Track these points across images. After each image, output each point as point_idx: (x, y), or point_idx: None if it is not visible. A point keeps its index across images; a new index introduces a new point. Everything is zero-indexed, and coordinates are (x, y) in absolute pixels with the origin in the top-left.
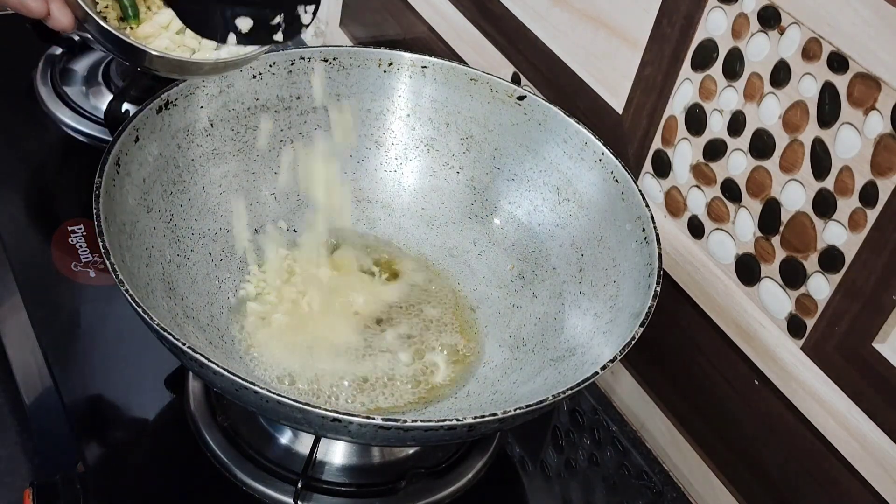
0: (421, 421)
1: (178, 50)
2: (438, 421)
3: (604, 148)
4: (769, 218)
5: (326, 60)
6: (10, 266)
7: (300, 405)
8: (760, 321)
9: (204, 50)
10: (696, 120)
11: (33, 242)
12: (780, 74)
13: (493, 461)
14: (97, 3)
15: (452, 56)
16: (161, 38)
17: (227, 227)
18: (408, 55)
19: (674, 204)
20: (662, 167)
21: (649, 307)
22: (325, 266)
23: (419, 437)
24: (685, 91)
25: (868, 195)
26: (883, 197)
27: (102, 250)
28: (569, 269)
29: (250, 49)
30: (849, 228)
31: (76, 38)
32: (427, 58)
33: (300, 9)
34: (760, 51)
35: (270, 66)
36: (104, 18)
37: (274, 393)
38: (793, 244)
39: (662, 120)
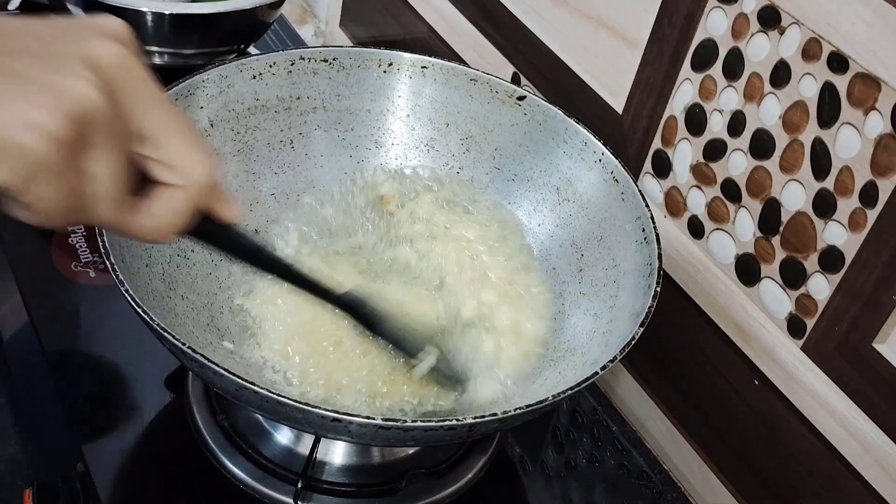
0: (421, 421)
1: None
2: (438, 421)
3: (604, 148)
4: (769, 218)
5: (326, 60)
6: (10, 266)
7: (300, 405)
8: (760, 321)
9: None
10: (696, 120)
11: (33, 242)
12: (780, 74)
13: (493, 461)
14: None
15: (452, 56)
16: None
17: None
18: (408, 55)
19: (674, 204)
20: (662, 167)
21: (649, 307)
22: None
23: (419, 437)
24: (685, 91)
25: (868, 195)
26: (883, 197)
27: (102, 250)
28: (569, 269)
29: None
30: (849, 228)
31: None
32: (427, 58)
33: None
34: (760, 51)
35: (270, 66)
36: None
37: (274, 393)
38: (793, 244)
39: (662, 120)
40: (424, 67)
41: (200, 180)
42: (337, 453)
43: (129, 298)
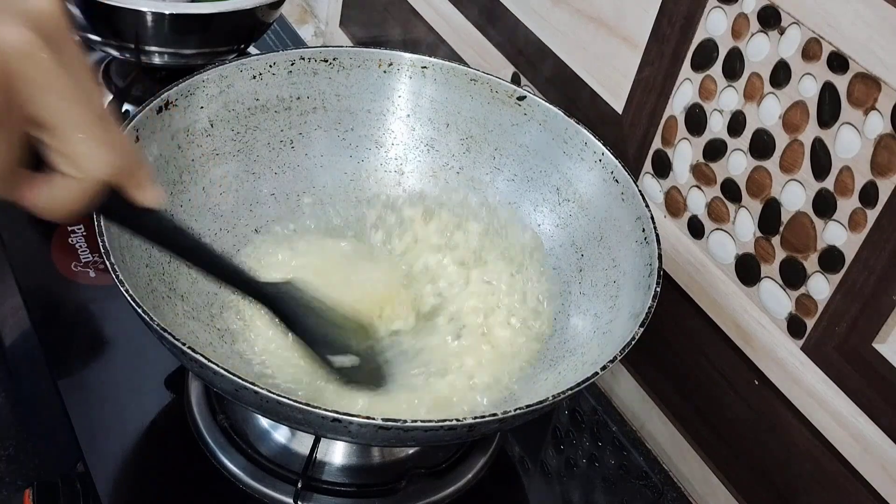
0: (421, 421)
1: None
2: (438, 421)
3: (604, 148)
4: (769, 218)
5: (326, 60)
6: (10, 266)
7: (300, 405)
8: (760, 321)
9: None
10: (696, 120)
11: (33, 242)
12: (780, 74)
13: (493, 461)
14: None
15: (452, 56)
16: None
17: (227, 228)
18: (408, 55)
19: (674, 204)
20: (662, 167)
21: (649, 307)
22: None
23: (419, 438)
24: (685, 91)
25: (868, 195)
26: (883, 197)
27: (102, 250)
28: (569, 269)
29: None
30: (849, 228)
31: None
32: (427, 58)
33: None
34: (760, 51)
35: (270, 66)
36: None
37: (274, 393)
38: (793, 244)
39: (662, 120)
40: (424, 67)
41: (96, 175)
42: (337, 453)
43: (129, 298)
